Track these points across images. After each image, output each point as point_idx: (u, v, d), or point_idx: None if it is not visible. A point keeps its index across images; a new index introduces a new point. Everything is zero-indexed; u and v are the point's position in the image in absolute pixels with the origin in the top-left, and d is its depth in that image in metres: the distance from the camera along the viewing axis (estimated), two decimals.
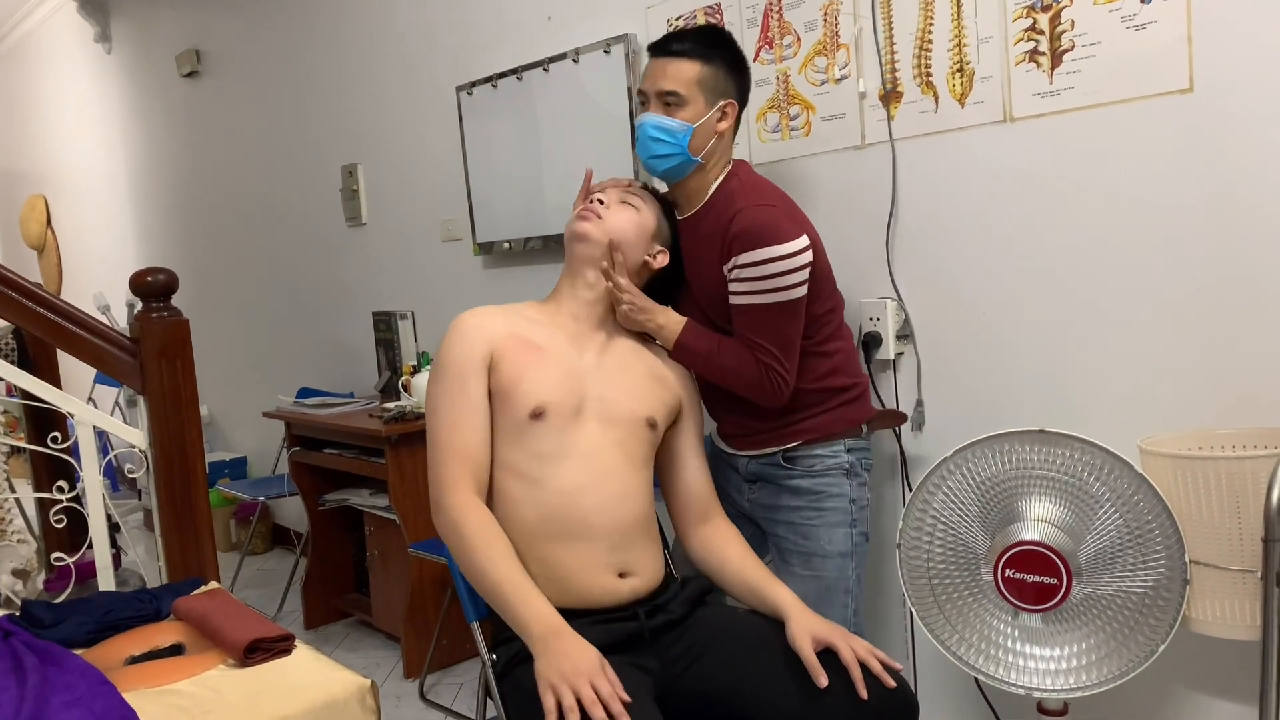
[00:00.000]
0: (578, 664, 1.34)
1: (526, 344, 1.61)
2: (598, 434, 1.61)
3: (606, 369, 1.67)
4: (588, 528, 1.56)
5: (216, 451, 4.92)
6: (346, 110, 3.70)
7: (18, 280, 2.22)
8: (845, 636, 1.48)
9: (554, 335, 1.66)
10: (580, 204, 1.75)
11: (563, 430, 1.58)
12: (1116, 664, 1.60)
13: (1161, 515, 1.54)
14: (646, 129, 1.77)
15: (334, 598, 3.53)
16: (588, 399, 1.61)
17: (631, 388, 1.66)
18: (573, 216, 1.72)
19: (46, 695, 1.50)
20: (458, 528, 1.51)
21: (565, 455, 1.58)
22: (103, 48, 5.51)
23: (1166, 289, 1.70)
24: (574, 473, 1.57)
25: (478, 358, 1.58)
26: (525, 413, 1.56)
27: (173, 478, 2.28)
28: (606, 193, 1.75)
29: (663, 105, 1.76)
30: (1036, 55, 1.79)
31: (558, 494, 1.56)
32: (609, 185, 1.78)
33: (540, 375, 1.59)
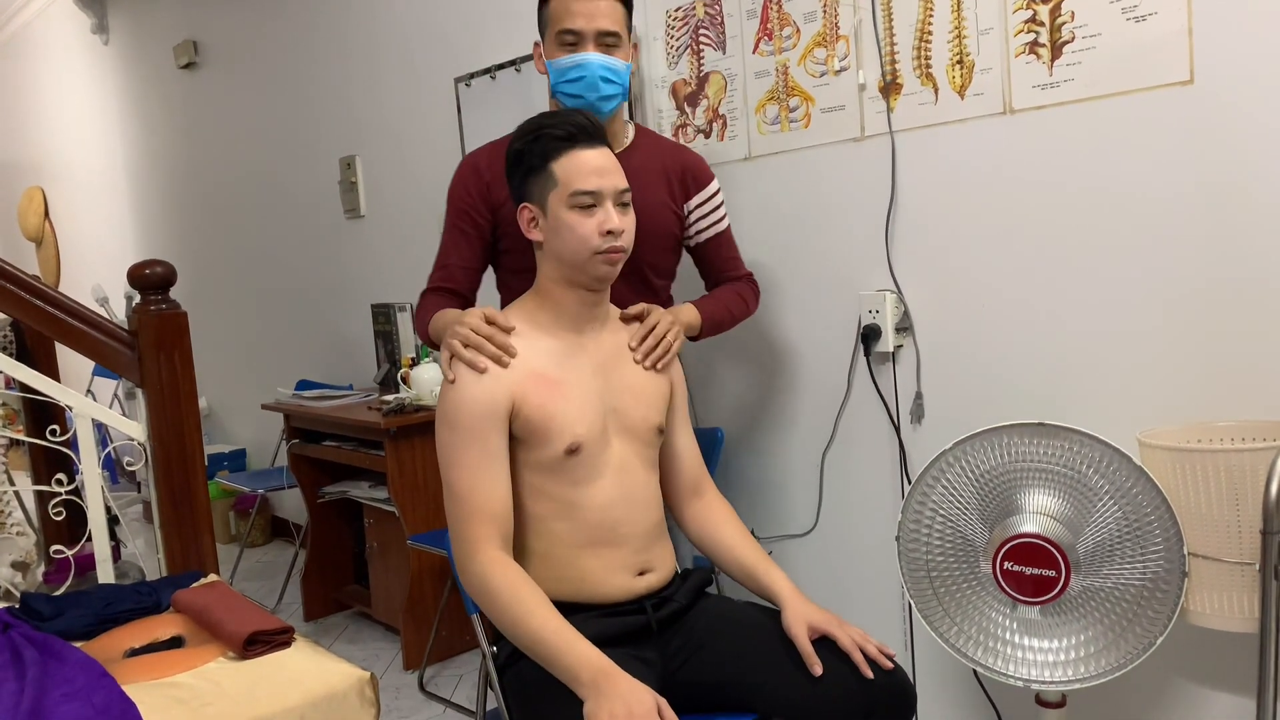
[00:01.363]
0: (631, 705, 1.31)
1: (543, 380, 1.53)
2: (621, 449, 1.60)
3: (615, 377, 1.62)
4: (617, 537, 1.57)
5: (215, 444, 4.92)
6: (345, 102, 3.69)
7: (15, 273, 2.21)
8: (841, 624, 1.50)
9: (564, 354, 1.58)
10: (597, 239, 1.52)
11: (595, 455, 1.56)
12: (1115, 656, 1.61)
13: (1160, 508, 1.54)
14: (595, 69, 1.77)
15: (333, 590, 3.53)
16: (607, 415, 1.59)
17: (639, 393, 1.64)
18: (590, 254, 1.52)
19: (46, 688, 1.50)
20: (487, 586, 1.46)
21: (598, 476, 1.57)
22: (100, 39, 5.50)
23: (1166, 281, 1.70)
24: (606, 490, 1.57)
25: (499, 410, 1.50)
26: (560, 450, 1.53)
27: (171, 470, 2.28)
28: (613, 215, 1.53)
29: (602, 45, 1.77)
30: (1036, 47, 1.79)
31: (591, 510, 1.56)
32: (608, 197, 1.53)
33: (568, 411, 1.53)
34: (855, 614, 2.24)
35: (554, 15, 1.80)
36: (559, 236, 1.53)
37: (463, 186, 1.90)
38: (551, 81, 1.82)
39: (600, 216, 1.51)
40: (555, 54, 1.80)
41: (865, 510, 2.20)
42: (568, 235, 1.52)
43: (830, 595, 2.29)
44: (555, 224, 1.53)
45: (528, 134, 1.55)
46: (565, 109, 1.58)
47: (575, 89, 1.79)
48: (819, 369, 2.23)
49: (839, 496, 2.25)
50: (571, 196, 1.51)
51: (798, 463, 2.31)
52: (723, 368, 2.45)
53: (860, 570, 2.24)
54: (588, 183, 1.51)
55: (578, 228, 1.51)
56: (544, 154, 1.53)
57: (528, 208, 1.57)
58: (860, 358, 2.13)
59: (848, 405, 2.20)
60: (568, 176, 1.51)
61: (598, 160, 1.52)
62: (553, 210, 1.53)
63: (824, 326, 2.20)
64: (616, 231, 1.52)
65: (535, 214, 1.56)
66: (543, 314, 1.59)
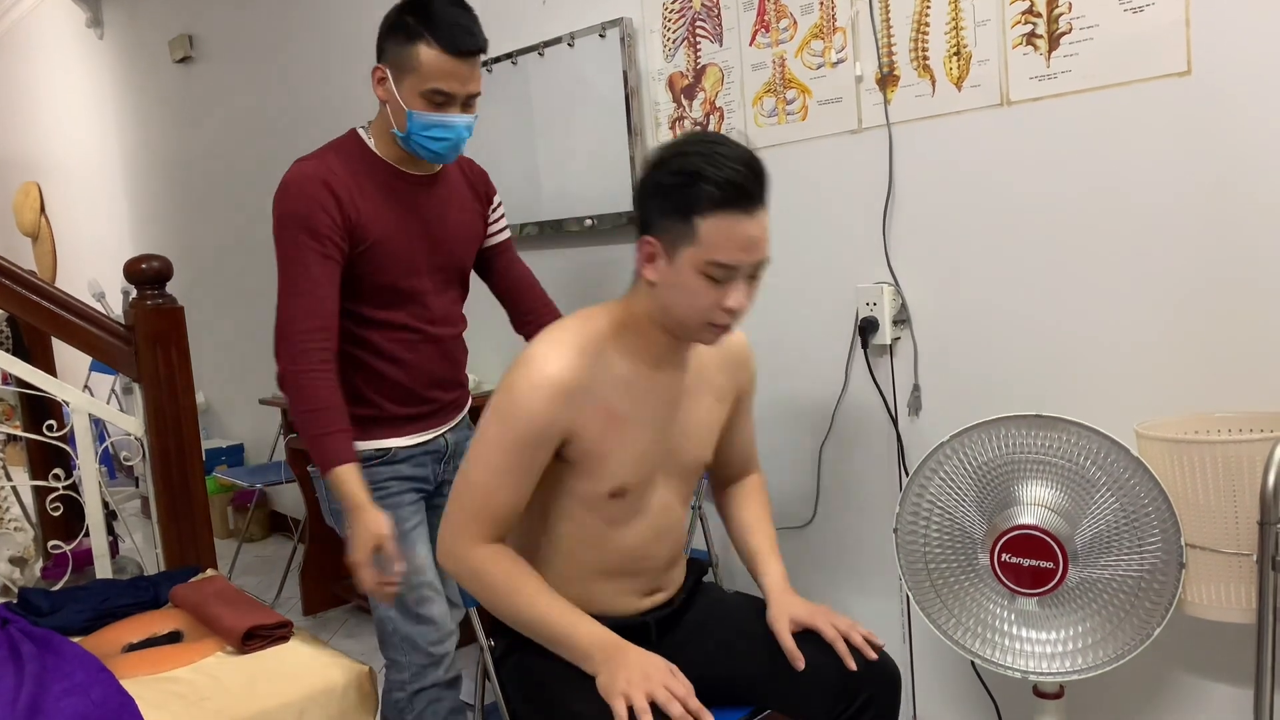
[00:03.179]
0: (647, 670, 1.31)
1: (609, 416, 1.43)
2: (666, 492, 1.55)
3: (678, 416, 1.52)
4: (638, 569, 1.56)
5: (213, 439, 4.92)
6: (339, 95, 3.68)
7: (12, 268, 2.21)
8: (826, 615, 1.48)
9: (635, 389, 1.46)
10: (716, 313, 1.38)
11: (637, 499, 1.51)
12: (1112, 647, 1.61)
13: (1158, 499, 1.54)
14: (462, 132, 1.77)
15: (332, 584, 3.53)
16: (660, 458, 1.51)
17: (696, 432, 1.56)
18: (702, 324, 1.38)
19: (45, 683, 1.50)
20: (480, 576, 1.43)
21: (635, 517, 1.52)
22: (95, 33, 5.48)
23: (1163, 273, 1.70)
24: (640, 531, 1.53)
25: (551, 437, 1.41)
26: (605, 491, 1.47)
27: (169, 465, 2.28)
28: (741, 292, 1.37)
29: (465, 105, 1.76)
30: (1034, 38, 1.79)
31: (620, 550, 1.53)
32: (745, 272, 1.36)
33: (623, 456, 1.45)
34: (853, 606, 2.25)
35: (422, 70, 1.69)
36: (676, 293, 1.36)
37: (315, 204, 1.70)
38: (411, 130, 1.73)
39: (728, 292, 1.34)
40: (417, 105, 1.72)
41: (863, 503, 2.21)
42: (687, 299, 1.36)
43: (828, 587, 2.29)
44: (677, 279, 1.35)
45: (681, 173, 1.31)
46: (723, 142, 1.34)
47: (438, 146, 1.76)
48: (816, 361, 2.23)
49: (837, 489, 2.25)
50: (708, 264, 1.32)
51: (795, 455, 2.31)
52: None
53: (858, 562, 2.24)
54: (731, 256, 1.32)
55: (700, 297, 1.35)
56: (691, 205, 1.31)
57: (650, 243, 1.37)
58: (858, 350, 2.13)
59: (845, 398, 2.19)
60: (711, 243, 1.31)
61: (751, 231, 1.32)
62: (680, 265, 1.34)
63: (821, 319, 2.20)
64: (739, 312, 1.37)
65: (658, 254, 1.37)
66: (628, 337, 1.45)
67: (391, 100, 1.74)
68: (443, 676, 1.83)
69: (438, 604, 1.83)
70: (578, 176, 2.63)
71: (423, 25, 1.69)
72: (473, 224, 1.96)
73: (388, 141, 1.80)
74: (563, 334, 1.44)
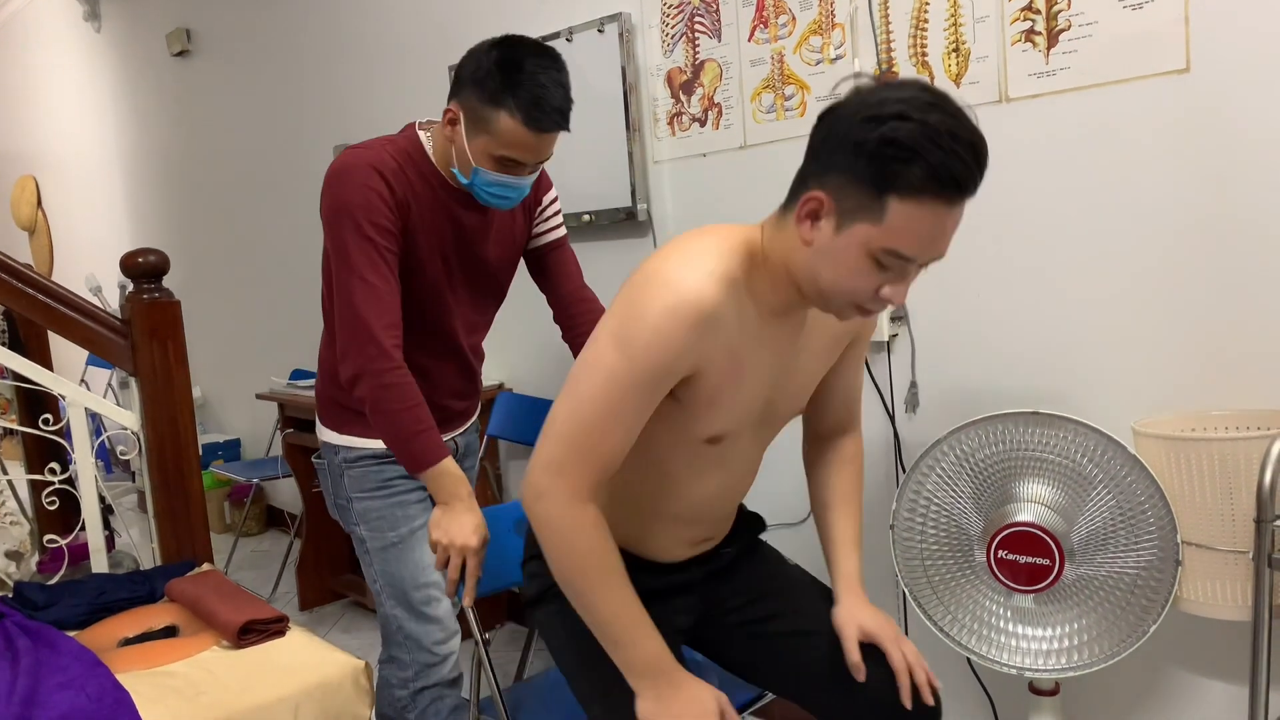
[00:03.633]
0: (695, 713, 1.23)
1: (732, 359, 1.26)
2: (750, 442, 1.42)
3: (790, 367, 1.37)
4: (698, 518, 1.45)
5: (210, 433, 4.92)
6: (338, 89, 3.68)
7: (8, 262, 2.20)
8: (896, 639, 1.37)
9: (758, 337, 1.28)
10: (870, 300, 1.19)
11: (726, 448, 1.37)
12: (1108, 644, 1.61)
13: (1154, 496, 1.54)
14: (525, 189, 1.71)
15: (328, 579, 3.53)
16: (763, 407, 1.37)
17: (804, 383, 1.41)
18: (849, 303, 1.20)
19: (40, 677, 1.50)
20: (569, 540, 1.25)
21: (716, 468, 1.39)
22: (92, 26, 5.46)
23: (1160, 270, 1.70)
24: (717, 481, 1.41)
25: (680, 372, 1.23)
26: (704, 436, 1.32)
27: (165, 460, 2.28)
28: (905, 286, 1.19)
29: (534, 168, 1.70)
30: (1033, 35, 1.78)
31: (694, 498, 1.41)
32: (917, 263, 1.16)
33: (734, 402, 1.30)
34: None
35: (500, 137, 1.61)
36: (832, 264, 1.16)
37: (375, 195, 1.62)
38: (474, 181, 1.67)
39: (891, 281, 1.16)
40: (486, 164, 1.64)
41: None
42: (843, 277, 1.16)
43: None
44: (840, 252, 1.15)
45: (893, 142, 1.08)
46: (950, 112, 1.12)
47: (496, 201, 1.71)
48: None
49: None
50: (884, 251, 1.12)
51: (792, 452, 2.30)
52: None
53: None
54: (914, 248, 1.12)
55: (859, 279, 1.15)
56: (891, 181, 1.09)
57: (819, 200, 1.14)
58: None
59: None
60: (898, 228, 1.10)
61: (947, 225, 1.12)
62: (851, 238, 1.13)
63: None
64: (895, 304, 1.20)
65: (828, 214, 1.14)
66: (761, 279, 1.25)
67: (459, 146, 1.66)
68: (446, 675, 1.83)
69: (443, 604, 1.83)
70: (576, 172, 2.63)
71: (508, 92, 1.58)
72: (517, 240, 1.89)
73: (445, 156, 1.72)
74: (700, 253, 1.22)
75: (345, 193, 1.63)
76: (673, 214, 2.47)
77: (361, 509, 1.80)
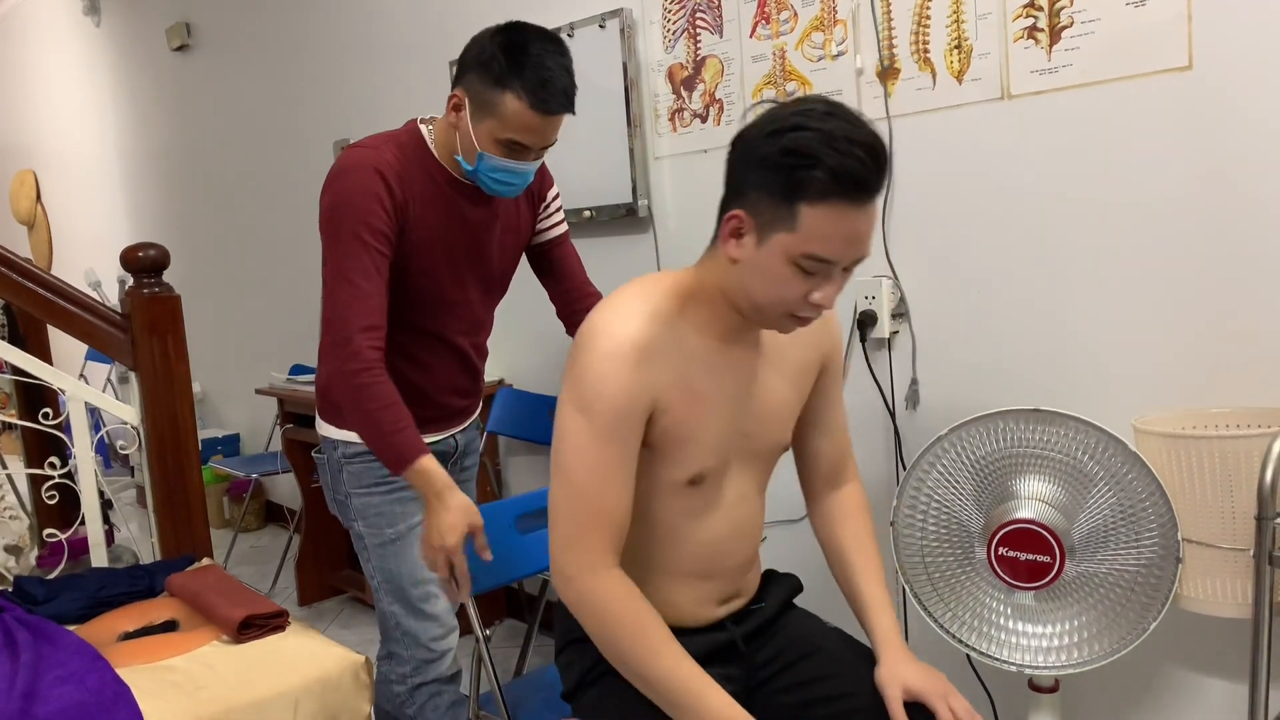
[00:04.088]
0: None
1: (690, 393, 1.29)
2: (741, 481, 1.41)
3: (753, 395, 1.37)
4: (715, 570, 1.41)
5: (209, 429, 4.91)
6: (339, 84, 3.67)
7: (8, 255, 2.20)
8: (944, 693, 1.31)
9: (709, 364, 1.31)
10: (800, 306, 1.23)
11: (714, 487, 1.37)
12: (1108, 641, 1.61)
13: (1155, 494, 1.54)
14: (530, 176, 1.71)
15: (327, 574, 3.53)
16: (736, 440, 1.37)
17: (774, 412, 1.41)
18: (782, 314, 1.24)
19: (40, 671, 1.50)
20: (608, 613, 1.26)
21: (711, 510, 1.38)
22: (91, 20, 5.46)
23: (1162, 268, 1.70)
24: (716, 526, 1.39)
25: (640, 409, 1.25)
26: (684, 478, 1.33)
27: (165, 454, 2.28)
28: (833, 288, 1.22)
29: (541, 153, 1.70)
30: (1035, 32, 1.78)
31: (696, 545, 1.38)
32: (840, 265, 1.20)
33: (703, 436, 1.32)
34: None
35: (506, 120, 1.61)
36: (760, 277, 1.21)
37: (372, 198, 1.62)
38: (478, 167, 1.67)
39: (818, 286, 1.20)
40: (490, 149, 1.64)
41: None
42: (772, 287, 1.21)
43: (824, 581, 2.29)
44: (764, 264, 1.20)
45: (793, 152, 1.14)
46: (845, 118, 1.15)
47: (502, 188, 1.70)
48: None
49: None
50: (803, 257, 1.17)
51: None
52: None
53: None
54: (831, 251, 1.16)
55: (787, 287, 1.20)
56: (800, 188, 1.14)
57: (740, 217, 1.20)
58: (856, 344, 2.13)
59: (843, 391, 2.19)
60: (812, 233, 1.15)
61: (859, 226, 1.16)
62: (771, 249, 1.18)
63: None
64: (825, 308, 1.23)
65: (748, 231, 1.20)
66: (699, 310, 1.30)
67: (464, 132, 1.66)
68: (444, 672, 1.83)
69: (441, 600, 1.83)
70: (576, 168, 2.62)
71: (514, 74, 1.58)
72: (521, 233, 1.90)
73: (448, 147, 1.72)
74: (624, 301, 1.27)
75: (343, 194, 1.64)
76: (673, 210, 2.47)
77: (360, 505, 1.80)
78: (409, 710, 1.81)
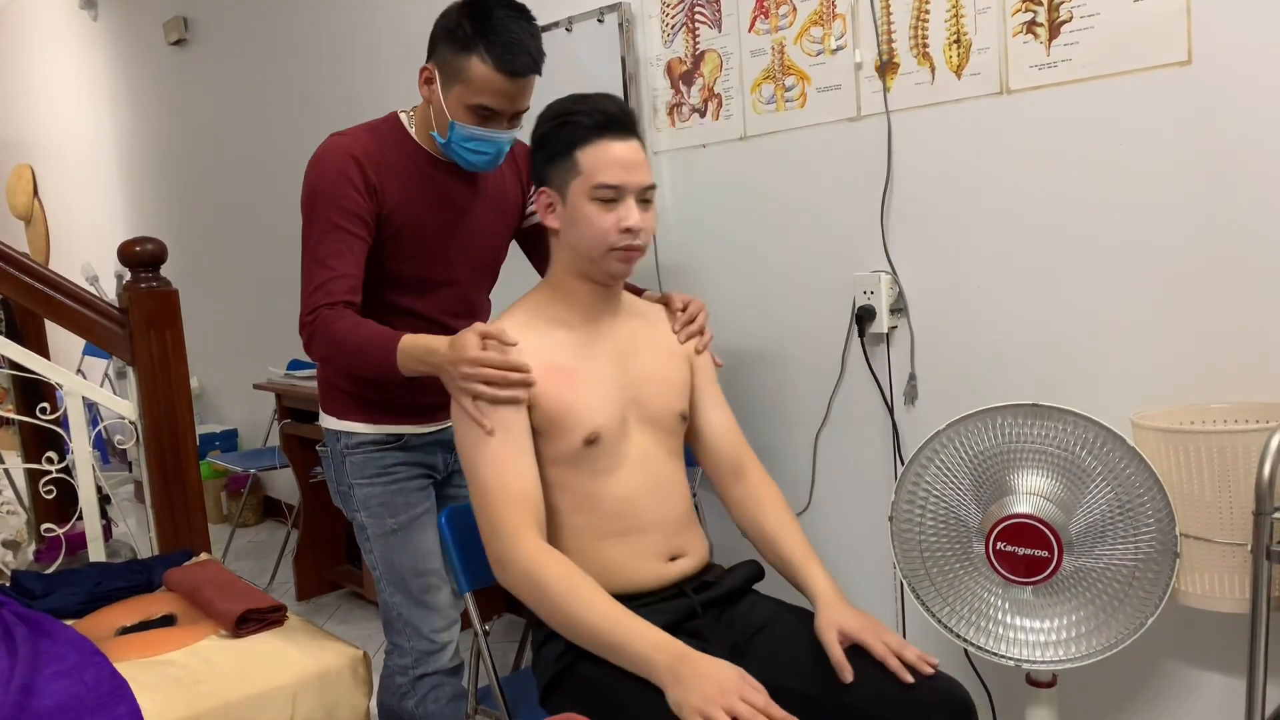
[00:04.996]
0: (721, 682, 1.25)
1: (559, 371, 1.49)
2: (643, 439, 1.55)
3: (632, 366, 1.57)
4: (642, 524, 1.52)
5: (207, 424, 4.91)
6: (336, 79, 3.66)
7: (5, 250, 2.20)
8: (877, 631, 1.41)
9: (578, 345, 1.53)
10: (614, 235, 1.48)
11: (615, 445, 1.52)
12: (1106, 636, 1.61)
13: (1153, 489, 1.54)
14: (504, 145, 1.72)
15: (325, 569, 3.53)
16: (627, 405, 1.54)
17: (659, 380, 1.59)
18: (606, 249, 1.48)
19: (37, 665, 1.50)
20: (537, 581, 1.38)
21: (618, 467, 1.52)
22: (89, 15, 5.44)
23: (1161, 263, 1.70)
24: (628, 480, 1.52)
25: (519, 403, 1.46)
26: (579, 441, 1.48)
27: (163, 449, 2.28)
28: (634, 212, 1.48)
29: (514, 121, 1.72)
30: (1034, 26, 1.78)
31: (613, 501, 1.51)
32: (631, 193, 1.47)
33: (586, 401, 1.49)
34: (847, 594, 2.24)
35: (473, 84, 1.65)
36: (575, 227, 1.49)
37: (345, 181, 1.69)
38: (451, 138, 1.70)
39: (621, 212, 1.46)
40: (462, 116, 1.67)
41: (859, 491, 2.21)
42: (585, 228, 1.47)
43: None
44: (574, 214, 1.48)
45: (554, 118, 1.49)
46: (596, 95, 1.50)
47: (475, 157, 1.72)
48: (813, 350, 2.23)
49: (832, 477, 2.26)
50: (594, 189, 1.45)
51: (791, 443, 2.31)
52: (715, 347, 2.44)
53: (853, 551, 2.24)
54: (612, 176, 1.45)
55: (596, 221, 1.46)
56: (570, 140, 1.46)
57: (546, 192, 1.51)
58: (854, 339, 2.13)
59: (841, 386, 2.19)
60: (592, 167, 1.45)
61: (625, 153, 1.46)
62: (572, 199, 1.47)
63: (818, 307, 2.20)
64: (636, 229, 1.47)
65: (554, 200, 1.50)
66: (555, 306, 1.55)
67: (436, 104, 1.70)
68: (445, 664, 1.83)
69: (443, 592, 1.83)
70: None
71: (479, 37, 1.63)
72: (510, 213, 1.91)
73: (427, 127, 1.76)
74: (494, 320, 1.55)
75: (316, 180, 1.71)
76: (672, 204, 2.47)
77: (363, 495, 1.81)
78: (409, 702, 1.82)
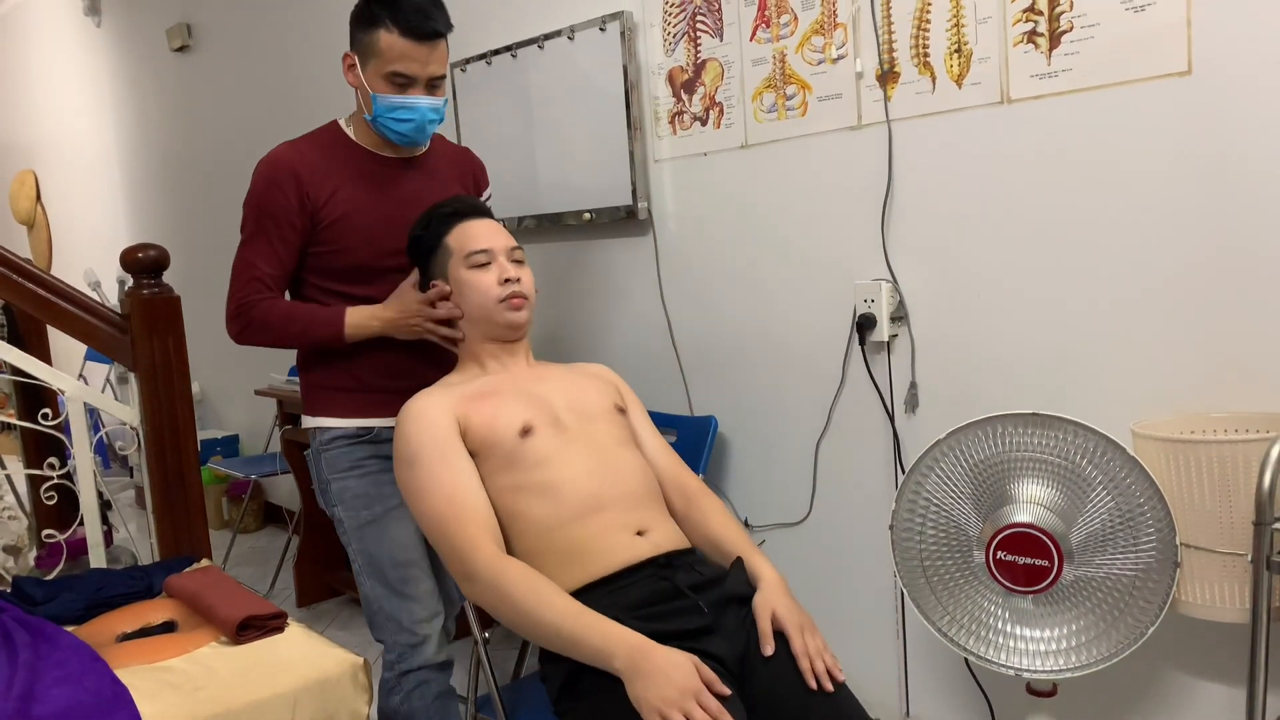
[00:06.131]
0: (678, 681, 1.29)
1: (479, 395, 1.65)
2: (584, 426, 1.66)
3: (553, 385, 1.72)
4: (601, 501, 1.58)
5: (208, 429, 4.91)
6: (338, 85, 3.66)
7: (7, 255, 2.20)
8: (804, 628, 1.47)
9: (494, 381, 1.71)
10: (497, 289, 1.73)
11: (553, 436, 1.62)
12: (1106, 646, 1.61)
13: (1153, 498, 1.54)
14: (425, 113, 1.85)
15: (326, 575, 3.53)
16: (557, 409, 1.67)
17: (584, 389, 1.73)
18: (495, 302, 1.72)
19: (38, 671, 1.50)
20: (497, 585, 1.46)
21: (564, 447, 1.61)
22: (92, 21, 5.46)
23: (1162, 272, 1.70)
24: (577, 462, 1.60)
25: (447, 425, 1.59)
26: (513, 435, 1.59)
27: (164, 455, 2.28)
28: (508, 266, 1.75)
29: (430, 87, 1.84)
30: (1035, 36, 1.79)
31: (568, 483, 1.58)
32: (500, 253, 1.76)
33: (510, 406, 1.63)
34: (848, 603, 2.25)
35: (384, 54, 1.81)
36: (466, 296, 1.73)
37: (278, 190, 1.86)
38: (376, 112, 1.85)
39: (496, 270, 1.72)
40: (381, 88, 1.83)
41: (859, 499, 2.21)
42: (471, 291, 1.72)
43: (823, 584, 2.29)
44: (460, 287, 1.74)
45: (421, 223, 1.79)
46: (450, 198, 1.82)
47: (403, 127, 1.85)
48: (813, 358, 2.23)
49: (833, 486, 2.26)
50: (467, 258, 1.73)
51: (792, 452, 2.31)
52: (716, 356, 2.45)
53: (853, 559, 2.24)
54: (478, 243, 1.73)
55: (478, 283, 1.72)
56: (437, 233, 1.76)
57: (437, 284, 1.77)
58: (855, 347, 2.13)
59: (842, 394, 2.20)
60: (460, 243, 1.74)
61: (483, 227, 1.76)
62: (455, 276, 1.74)
63: (819, 315, 2.20)
64: (513, 279, 1.72)
65: (443, 286, 1.75)
66: (469, 369, 1.77)
67: (359, 85, 1.87)
68: (431, 658, 1.83)
69: (423, 583, 1.85)
70: (576, 170, 2.63)
71: (384, 10, 1.79)
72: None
73: (364, 127, 1.91)
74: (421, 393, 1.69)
75: (253, 187, 1.89)
76: (673, 213, 2.47)
77: (338, 489, 1.85)
78: (395, 698, 1.82)
